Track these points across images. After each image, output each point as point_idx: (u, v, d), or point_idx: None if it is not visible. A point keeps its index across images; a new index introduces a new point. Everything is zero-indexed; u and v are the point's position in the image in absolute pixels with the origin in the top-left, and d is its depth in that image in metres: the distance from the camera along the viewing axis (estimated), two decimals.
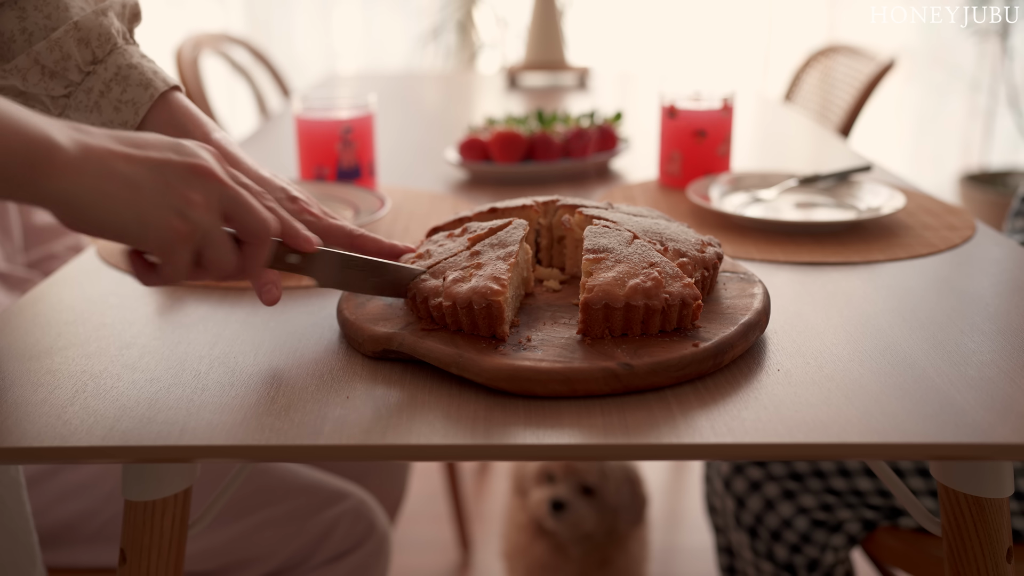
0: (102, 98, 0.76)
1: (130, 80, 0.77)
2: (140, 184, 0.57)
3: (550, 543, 1.54)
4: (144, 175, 0.57)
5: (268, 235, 0.63)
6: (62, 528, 0.99)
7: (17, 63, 0.73)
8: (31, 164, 0.53)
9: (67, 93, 0.75)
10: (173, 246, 0.59)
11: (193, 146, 0.61)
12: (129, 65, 0.77)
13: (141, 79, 0.77)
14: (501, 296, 0.67)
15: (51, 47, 0.73)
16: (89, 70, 0.75)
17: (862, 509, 1.10)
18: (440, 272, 0.72)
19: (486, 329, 0.68)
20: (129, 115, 0.77)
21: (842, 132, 1.95)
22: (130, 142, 0.58)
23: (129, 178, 0.56)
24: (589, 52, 3.39)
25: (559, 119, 1.33)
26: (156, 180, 0.57)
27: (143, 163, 0.57)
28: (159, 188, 0.58)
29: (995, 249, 0.95)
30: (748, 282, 0.78)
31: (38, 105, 0.76)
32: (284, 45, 3.48)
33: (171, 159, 0.58)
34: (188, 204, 0.59)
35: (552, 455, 0.58)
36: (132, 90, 0.77)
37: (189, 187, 0.59)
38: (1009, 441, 0.57)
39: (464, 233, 0.79)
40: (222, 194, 0.60)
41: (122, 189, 0.56)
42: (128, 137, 0.58)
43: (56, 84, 0.75)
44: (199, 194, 0.59)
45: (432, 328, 0.70)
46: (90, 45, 0.75)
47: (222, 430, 0.60)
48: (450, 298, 0.68)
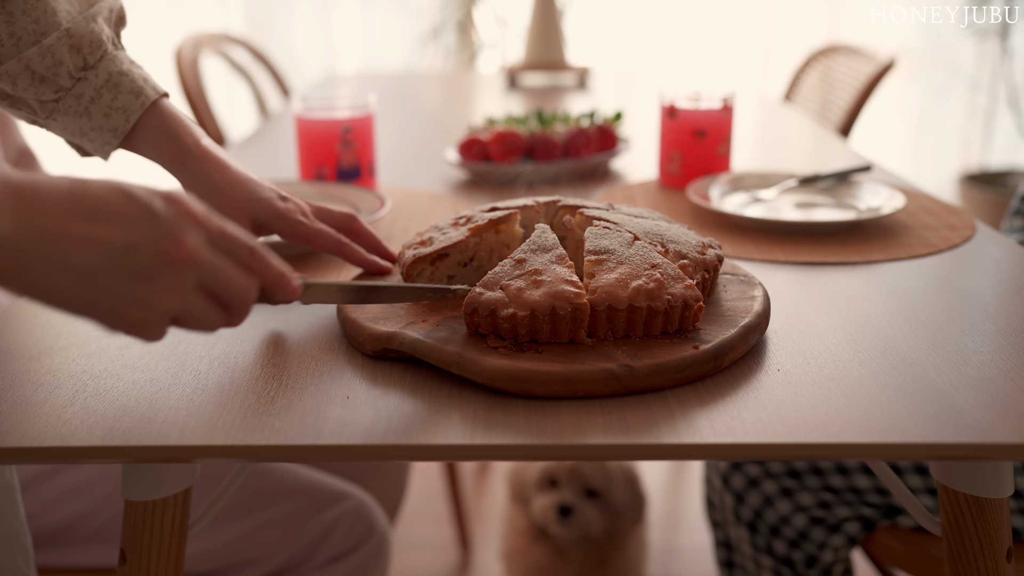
0: (92, 104, 0.76)
1: (121, 87, 0.77)
2: (98, 276, 0.49)
3: (549, 546, 1.54)
4: (104, 265, 0.49)
5: (249, 300, 0.57)
6: (61, 529, 0.99)
7: (7, 68, 0.73)
8: None
9: (56, 98, 0.75)
10: (141, 331, 0.53)
11: (169, 215, 0.51)
12: (120, 72, 0.77)
13: (132, 87, 0.77)
14: (584, 298, 0.66)
15: (43, 53, 0.73)
16: (80, 76, 0.76)
17: (860, 507, 1.10)
18: (493, 284, 0.69)
19: (567, 335, 0.67)
20: (119, 122, 0.77)
21: (842, 132, 1.95)
22: (94, 214, 0.49)
23: (84, 271, 0.49)
24: (589, 52, 3.39)
25: (559, 119, 1.33)
26: (118, 271, 0.50)
27: (104, 248, 0.49)
28: (121, 279, 0.50)
29: (995, 249, 0.95)
30: (748, 284, 0.78)
31: (25, 108, 0.76)
32: (284, 45, 3.48)
33: (138, 242, 0.50)
34: (155, 294, 0.51)
35: (552, 455, 0.58)
36: (123, 97, 0.77)
37: (157, 276, 0.51)
38: (1009, 441, 0.57)
39: (468, 222, 0.80)
40: (197, 274, 0.53)
41: (76, 283, 0.49)
42: (93, 207, 0.49)
43: (46, 89, 0.75)
44: (169, 282, 0.51)
45: (500, 346, 0.66)
46: (81, 52, 0.75)
47: (222, 430, 0.60)
48: (527, 307, 0.66)
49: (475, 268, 0.80)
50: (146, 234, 0.50)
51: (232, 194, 0.78)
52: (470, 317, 0.68)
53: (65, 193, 0.48)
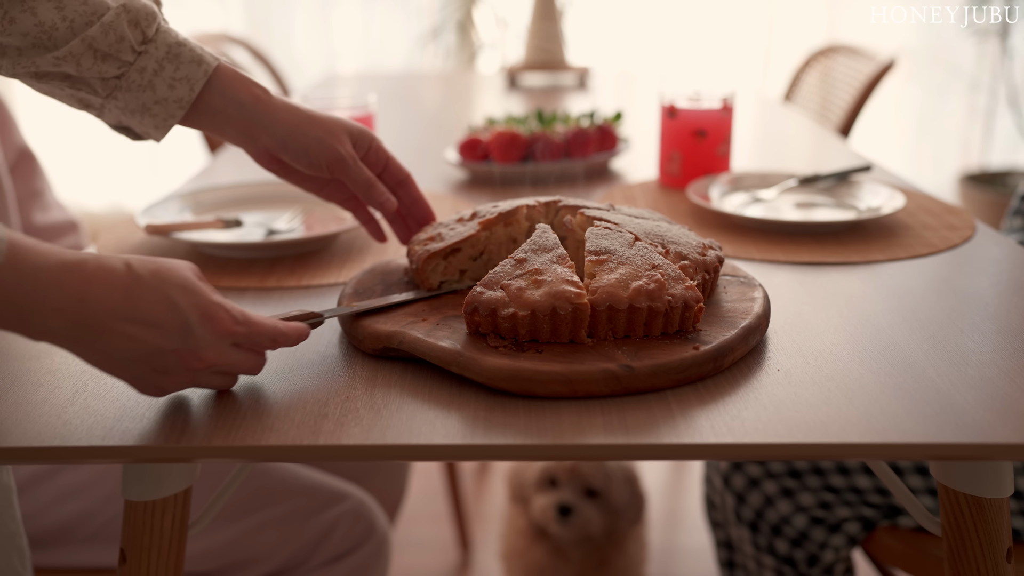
0: (156, 77, 0.77)
1: (182, 57, 0.78)
2: (128, 364, 0.59)
3: (549, 546, 1.54)
4: (134, 358, 0.59)
5: (257, 371, 0.66)
6: (61, 529, 0.99)
7: (71, 48, 0.74)
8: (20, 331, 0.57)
9: (120, 74, 0.76)
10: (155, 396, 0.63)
11: (202, 332, 0.60)
12: (178, 43, 0.78)
13: (192, 56, 0.78)
14: (584, 298, 0.66)
15: (105, 31, 0.74)
16: (142, 50, 0.76)
17: (861, 507, 1.10)
18: (494, 283, 0.69)
19: (567, 335, 0.67)
20: (184, 91, 0.78)
21: (842, 132, 1.95)
22: (141, 320, 0.58)
23: (119, 360, 0.59)
24: (589, 52, 3.39)
25: (559, 119, 1.33)
26: (143, 364, 0.59)
27: (140, 346, 0.58)
28: (146, 369, 0.60)
29: (995, 249, 0.95)
30: (748, 286, 0.78)
31: (85, 88, 0.76)
32: (284, 45, 3.48)
33: (168, 349, 0.59)
34: (170, 384, 0.62)
35: (552, 455, 0.58)
36: (185, 67, 0.78)
37: (174, 373, 0.61)
38: (1009, 441, 0.57)
39: (474, 217, 0.80)
40: (213, 369, 0.62)
41: (107, 363, 0.59)
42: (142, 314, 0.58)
43: (109, 66, 0.76)
44: (183, 376, 0.61)
45: (500, 345, 0.67)
46: (139, 25, 0.76)
47: (222, 430, 0.60)
48: (527, 307, 0.66)
49: (485, 262, 0.81)
50: (177, 344, 0.59)
51: (326, 119, 0.82)
52: (470, 316, 0.68)
53: (120, 294, 0.57)
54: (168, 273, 0.59)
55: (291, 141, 0.80)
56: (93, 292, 0.56)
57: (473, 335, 0.68)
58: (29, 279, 0.55)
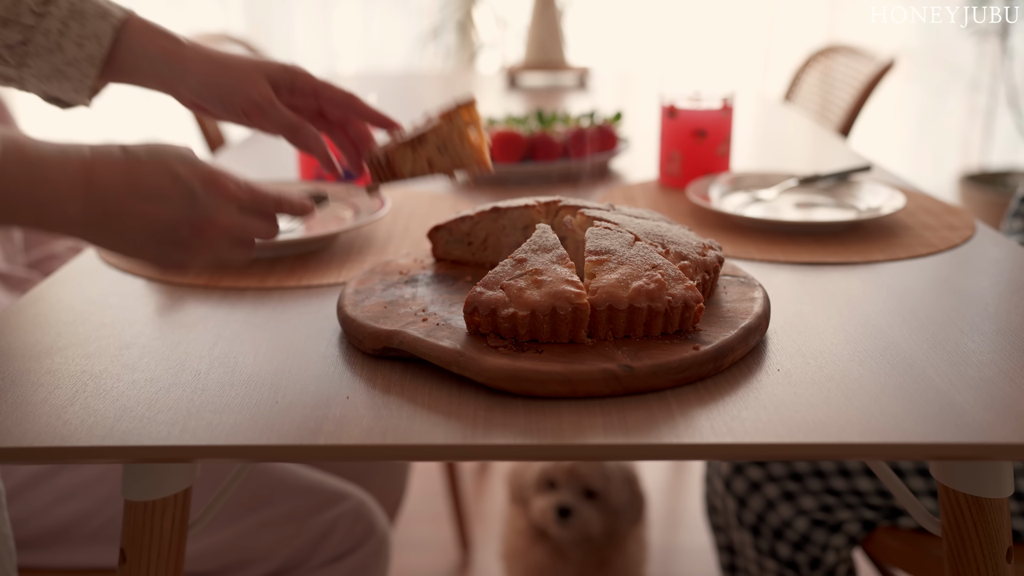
0: (62, 37, 0.75)
1: (86, 14, 0.76)
2: (146, 243, 0.62)
3: (549, 547, 1.54)
4: (151, 236, 0.61)
5: (272, 235, 0.68)
6: (61, 529, 0.99)
7: None
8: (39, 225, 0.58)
9: (24, 40, 0.74)
10: (179, 274, 0.66)
11: (206, 196, 0.62)
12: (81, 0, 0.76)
13: (97, 10, 0.76)
14: (584, 298, 0.66)
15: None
16: (41, 11, 0.75)
17: (862, 509, 1.10)
18: (494, 283, 0.69)
19: (567, 335, 0.67)
20: (94, 48, 0.76)
21: (842, 132, 1.95)
22: (147, 194, 0.60)
23: (136, 240, 0.61)
24: (589, 52, 3.39)
25: (559, 119, 1.33)
26: (162, 241, 0.62)
27: (153, 223, 0.61)
28: (165, 246, 0.62)
29: (995, 249, 0.95)
30: (748, 286, 0.78)
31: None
32: (284, 45, 3.48)
33: (181, 220, 0.61)
34: (191, 257, 0.64)
35: (552, 455, 0.58)
36: (92, 23, 0.76)
37: (193, 245, 0.63)
38: (1009, 441, 0.57)
39: None
40: (229, 235, 0.64)
41: (127, 245, 0.62)
42: (146, 188, 0.60)
43: (11, 32, 0.74)
44: (202, 248, 0.63)
45: (500, 345, 0.67)
46: None
47: (222, 430, 0.60)
48: (527, 307, 0.66)
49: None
50: (187, 214, 0.61)
51: (241, 64, 0.81)
52: (470, 316, 0.68)
53: (122, 172, 0.59)
54: (164, 148, 0.62)
55: (206, 92, 0.79)
56: (97, 175, 0.58)
57: (473, 335, 0.68)
58: (36, 167, 0.56)
